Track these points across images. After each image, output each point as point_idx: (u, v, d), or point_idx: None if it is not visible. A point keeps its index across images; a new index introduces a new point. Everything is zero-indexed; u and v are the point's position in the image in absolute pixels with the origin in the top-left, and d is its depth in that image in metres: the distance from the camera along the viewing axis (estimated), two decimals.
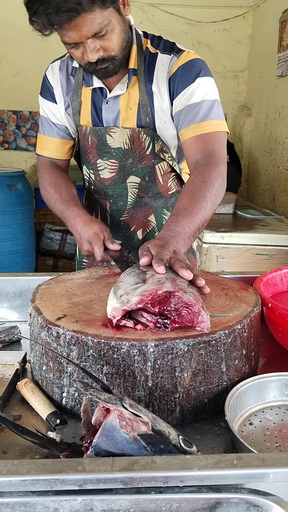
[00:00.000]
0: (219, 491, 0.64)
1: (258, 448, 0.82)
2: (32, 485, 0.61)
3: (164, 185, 1.55)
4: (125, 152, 1.47)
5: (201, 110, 1.34)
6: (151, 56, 1.41)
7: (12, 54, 4.49)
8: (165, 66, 1.39)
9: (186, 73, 1.36)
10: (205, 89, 1.35)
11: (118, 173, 1.51)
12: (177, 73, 1.37)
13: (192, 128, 1.34)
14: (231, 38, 4.51)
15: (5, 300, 1.36)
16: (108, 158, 1.49)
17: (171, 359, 0.84)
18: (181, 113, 1.37)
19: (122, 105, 1.45)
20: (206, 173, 1.26)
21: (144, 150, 1.47)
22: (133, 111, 1.44)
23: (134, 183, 1.52)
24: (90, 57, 1.26)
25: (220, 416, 0.87)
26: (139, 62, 1.40)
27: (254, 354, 1.00)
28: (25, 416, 0.90)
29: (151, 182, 1.52)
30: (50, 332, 0.90)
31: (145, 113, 1.42)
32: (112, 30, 1.25)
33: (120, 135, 1.45)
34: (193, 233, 1.16)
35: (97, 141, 1.48)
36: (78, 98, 1.48)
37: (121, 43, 1.30)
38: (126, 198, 1.54)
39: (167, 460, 0.64)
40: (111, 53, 1.29)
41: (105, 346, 0.84)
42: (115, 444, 0.70)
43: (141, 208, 1.56)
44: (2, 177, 3.70)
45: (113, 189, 1.54)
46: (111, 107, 1.45)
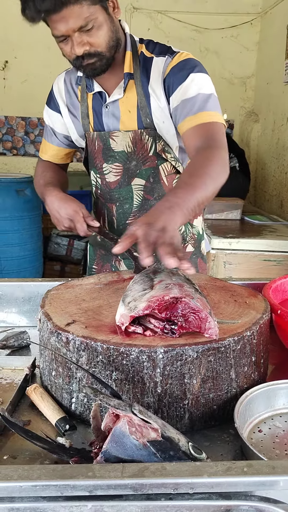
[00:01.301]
0: (229, 498, 0.64)
1: (268, 456, 0.81)
2: (43, 491, 0.62)
3: (169, 186, 1.55)
4: (128, 155, 1.50)
5: (197, 102, 1.36)
6: (146, 60, 1.45)
7: (21, 60, 4.53)
8: (160, 68, 1.43)
9: (180, 71, 1.40)
10: (199, 83, 1.38)
11: (123, 176, 1.53)
12: (171, 73, 1.41)
13: (189, 120, 1.36)
14: (238, 45, 4.52)
15: (14, 305, 1.37)
16: (113, 161, 1.52)
17: (180, 366, 0.84)
18: (178, 108, 1.40)
19: (122, 109, 1.48)
20: (208, 153, 1.27)
21: (147, 151, 1.49)
22: (133, 114, 1.47)
23: (139, 185, 1.54)
24: (76, 51, 1.31)
25: (229, 423, 0.86)
26: (135, 66, 1.45)
27: (263, 361, 0.99)
28: (35, 422, 0.90)
29: (155, 183, 1.54)
30: (59, 337, 0.91)
31: (144, 114, 1.45)
32: (99, 27, 1.30)
33: (123, 138, 1.48)
34: (193, 207, 1.11)
35: (102, 146, 1.51)
36: (84, 102, 1.52)
37: (108, 41, 1.34)
38: (132, 200, 1.55)
39: (177, 467, 0.64)
40: (97, 48, 1.33)
41: (115, 352, 0.85)
42: (124, 450, 0.70)
43: (147, 211, 1.55)
44: (11, 183, 3.73)
45: (119, 192, 1.55)
46: (110, 111, 1.49)
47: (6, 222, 3.70)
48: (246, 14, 4.43)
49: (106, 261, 1.67)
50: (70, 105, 1.56)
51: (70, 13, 1.24)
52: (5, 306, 1.37)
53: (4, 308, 1.37)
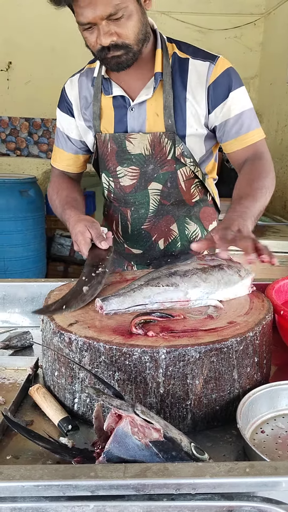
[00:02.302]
0: (231, 499, 0.64)
1: (270, 456, 0.81)
2: (45, 491, 0.62)
3: (187, 192, 1.51)
4: (146, 158, 1.44)
5: (245, 121, 1.41)
6: (181, 62, 1.39)
7: (24, 62, 4.54)
8: (201, 73, 1.38)
9: (224, 84, 1.38)
10: (243, 99, 1.41)
11: (139, 180, 1.48)
12: (216, 82, 1.38)
13: (240, 140, 1.41)
14: (242, 45, 4.52)
15: (17, 306, 1.37)
16: (129, 165, 1.46)
17: (182, 366, 0.84)
18: (225, 125, 1.41)
19: (149, 111, 1.41)
20: (260, 165, 1.36)
21: (165, 155, 1.43)
22: (160, 117, 1.41)
23: (155, 190, 1.48)
24: (103, 41, 1.23)
25: (231, 424, 0.86)
26: (165, 65, 1.38)
27: (266, 361, 0.99)
28: (37, 422, 0.90)
29: (173, 188, 1.49)
30: (62, 338, 0.91)
31: (167, 115, 1.39)
32: (129, 16, 1.22)
33: (140, 140, 1.42)
34: (256, 216, 1.21)
35: (116, 148, 1.45)
36: (97, 102, 1.45)
37: (137, 33, 1.26)
38: (148, 205, 1.51)
39: (179, 467, 0.64)
40: (125, 40, 1.25)
41: (117, 352, 0.85)
42: (127, 451, 0.70)
43: (163, 217, 1.53)
44: (14, 184, 3.74)
45: (134, 196, 1.50)
46: (136, 113, 1.42)
47: (9, 223, 3.71)
48: (249, 15, 4.43)
49: (118, 266, 1.64)
50: (85, 107, 1.48)
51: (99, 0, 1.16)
52: (8, 307, 1.37)
53: (7, 309, 1.37)
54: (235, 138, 1.41)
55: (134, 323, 0.91)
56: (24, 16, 4.36)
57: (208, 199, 1.60)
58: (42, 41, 4.39)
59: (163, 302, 1.00)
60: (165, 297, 0.99)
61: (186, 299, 1.01)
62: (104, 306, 0.96)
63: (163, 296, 0.99)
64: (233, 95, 1.39)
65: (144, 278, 1.05)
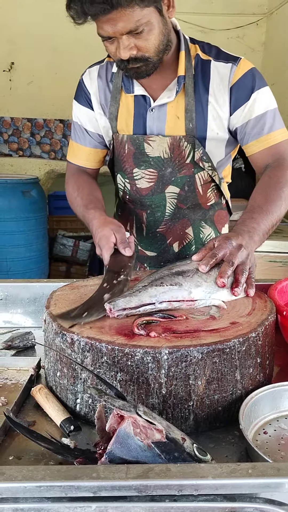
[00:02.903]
0: (233, 500, 0.64)
1: (273, 458, 0.81)
2: (47, 491, 0.62)
3: (203, 196, 1.51)
4: (164, 161, 1.43)
5: (267, 121, 1.37)
6: (203, 64, 1.38)
7: (26, 62, 4.55)
8: (223, 75, 1.36)
9: (246, 85, 1.36)
10: (266, 99, 1.38)
11: (157, 183, 1.46)
12: (238, 84, 1.36)
13: (262, 141, 1.38)
14: (244, 46, 4.52)
15: (19, 306, 1.37)
16: (146, 167, 1.45)
17: (185, 367, 0.84)
18: (246, 126, 1.38)
19: (170, 114, 1.40)
20: (280, 174, 1.31)
21: (184, 158, 1.42)
22: (181, 120, 1.39)
23: (173, 193, 1.48)
24: (122, 54, 1.22)
25: (234, 425, 0.86)
26: (188, 67, 1.36)
27: (269, 362, 0.99)
28: (39, 422, 0.90)
29: (190, 192, 1.48)
30: (64, 338, 0.91)
31: (189, 118, 1.38)
32: (150, 30, 1.20)
33: (160, 143, 1.41)
34: (268, 231, 1.21)
35: (134, 150, 1.44)
36: (116, 103, 1.43)
37: (157, 45, 1.25)
38: (164, 208, 1.49)
39: (181, 468, 0.64)
40: (145, 53, 1.24)
41: (119, 353, 0.85)
42: (129, 452, 0.70)
43: (179, 220, 1.52)
44: (17, 184, 3.74)
45: (151, 199, 1.49)
46: (156, 115, 1.40)
47: (12, 223, 3.72)
48: (252, 15, 4.43)
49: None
50: (104, 101, 1.46)
51: (120, 16, 1.14)
52: (11, 307, 1.37)
53: (9, 309, 1.37)
54: (256, 139, 1.38)
55: (136, 324, 0.91)
56: (27, 17, 4.37)
57: (223, 203, 1.60)
58: (44, 41, 4.39)
59: (170, 302, 0.99)
60: (170, 296, 0.99)
61: (191, 298, 1.01)
62: (113, 307, 0.94)
63: (169, 295, 0.99)
64: (255, 96, 1.36)
65: (147, 280, 1.05)
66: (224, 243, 1.09)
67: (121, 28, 1.17)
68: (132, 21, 1.16)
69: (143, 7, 1.15)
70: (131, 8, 1.13)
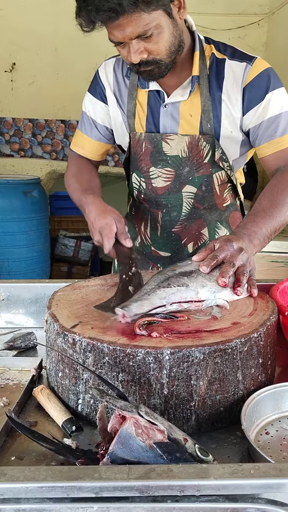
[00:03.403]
0: (235, 500, 0.64)
1: (275, 458, 0.81)
2: (49, 492, 0.62)
3: (220, 196, 1.50)
4: (182, 160, 1.42)
5: (280, 124, 1.34)
6: (218, 62, 1.37)
7: (28, 63, 4.55)
8: (237, 74, 1.35)
9: (261, 85, 1.34)
10: (280, 101, 1.35)
11: (174, 182, 1.45)
12: (252, 84, 1.34)
13: (274, 144, 1.35)
14: (245, 46, 4.51)
15: (21, 306, 1.37)
16: (163, 166, 1.44)
17: (186, 367, 0.84)
18: (259, 128, 1.36)
19: (183, 112, 1.39)
20: (287, 179, 1.30)
21: (202, 158, 1.41)
22: (194, 118, 1.39)
23: (190, 193, 1.46)
24: (132, 58, 1.22)
25: (236, 425, 0.86)
26: (202, 68, 1.36)
27: (271, 362, 0.99)
28: (41, 423, 0.90)
29: (207, 192, 1.47)
30: (66, 338, 0.91)
31: (206, 119, 1.37)
32: (160, 34, 1.20)
33: (178, 142, 1.40)
34: (269, 235, 1.20)
35: (151, 148, 1.43)
36: (133, 100, 1.42)
37: (168, 47, 1.24)
38: (181, 208, 1.48)
39: (183, 469, 0.64)
40: (156, 56, 1.24)
41: (121, 353, 0.85)
42: (131, 452, 0.70)
43: (195, 221, 1.51)
44: (18, 184, 3.74)
45: (167, 198, 1.48)
46: (169, 112, 1.40)
47: (13, 224, 3.72)
48: (253, 15, 4.42)
49: (142, 267, 1.59)
50: (119, 96, 1.45)
51: (128, 22, 1.14)
52: (12, 307, 1.37)
53: (11, 309, 1.37)
54: (268, 142, 1.35)
55: (138, 324, 0.91)
56: (28, 18, 4.37)
57: (237, 204, 1.60)
58: (45, 42, 4.40)
59: (180, 303, 0.99)
60: (179, 297, 0.99)
61: (198, 298, 1.01)
62: (126, 313, 0.93)
63: (178, 296, 0.99)
64: (269, 97, 1.33)
65: (153, 282, 1.03)
66: (225, 245, 1.08)
67: (129, 33, 1.17)
68: (140, 26, 1.16)
69: (150, 11, 1.14)
70: (137, 14, 1.13)
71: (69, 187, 1.53)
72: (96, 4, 1.11)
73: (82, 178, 1.50)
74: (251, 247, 1.13)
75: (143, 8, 1.12)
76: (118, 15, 1.12)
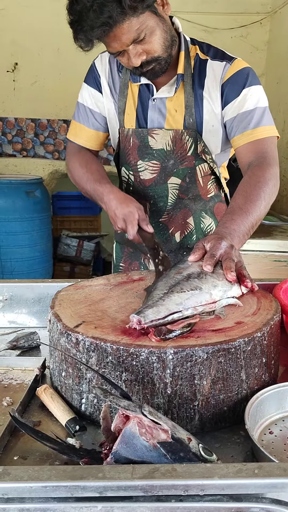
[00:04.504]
0: (240, 500, 0.64)
1: (279, 458, 0.81)
2: (53, 492, 0.62)
3: (204, 187, 1.57)
4: (167, 153, 1.50)
5: (254, 117, 1.40)
6: (201, 62, 1.45)
7: (30, 63, 4.55)
8: (217, 72, 1.43)
9: (238, 81, 1.41)
10: (257, 96, 1.42)
11: (159, 174, 1.53)
12: (230, 80, 1.42)
13: (246, 135, 1.40)
14: (248, 45, 4.50)
15: (24, 306, 1.37)
16: (150, 159, 1.52)
17: (190, 367, 0.84)
18: (234, 120, 1.42)
19: (169, 107, 1.48)
20: (260, 173, 1.33)
21: (186, 151, 1.49)
22: (179, 113, 1.47)
23: (174, 184, 1.54)
24: (134, 62, 1.31)
25: (239, 425, 0.86)
26: (187, 67, 1.44)
27: (274, 362, 0.99)
28: (45, 422, 0.90)
29: (191, 183, 1.55)
30: (69, 338, 0.91)
31: (189, 114, 1.46)
32: (151, 33, 1.29)
33: (163, 136, 1.48)
34: (247, 231, 1.22)
35: (138, 143, 1.51)
36: (124, 98, 1.51)
37: (162, 43, 1.33)
38: (167, 199, 1.56)
39: (187, 468, 0.64)
40: (154, 54, 1.33)
41: (124, 352, 0.84)
42: (134, 452, 0.70)
43: (180, 210, 1.59)
44: (21, 184, 3.75)
45: (154, 190, 1.56)
46: (157, 106, 1.48)
47: (16, 224, 3.72)
48: (255, 14, 4.41)
49: (135, 259, 1.69)
50: (113, 87, 1.52)
51: (121, 31, 1.23)
52: (15, 307, 1.37)
53: (14, 309, 1.37)
54: (241, 133, 1.41)
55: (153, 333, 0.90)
56: (30, 18, 4.37)
57: (222, 195, 1.66)
58: (47, 42, 4.39)
59: (195, 307, 0.98)
60: (194, 301, 0.98)
61: (213, 300, 1.00)
62: (142, 319, 0.92)
63: (193, 301, 0.98)
64: (246, 92, 1.41)
65: (163, 287, 1.02)
66: (217, 243, 1.09)
67: (125, 41, 1.26)
68: (133, 31, 1.25)
69: (138, 15, 1.23)
70: (127, 21, 1.22)
71: (80, 178, 1.56)
72: (90, 23, 1.21)
73: (92, 168, 1.55)
74: (234, 245, 1.15)
75: (132, 14, 1.21)
76: (111, 27, 1.22)
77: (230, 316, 0.99)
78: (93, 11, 1.19)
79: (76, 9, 1.22)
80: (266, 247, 2.57)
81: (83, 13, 1.21)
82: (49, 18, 4.21)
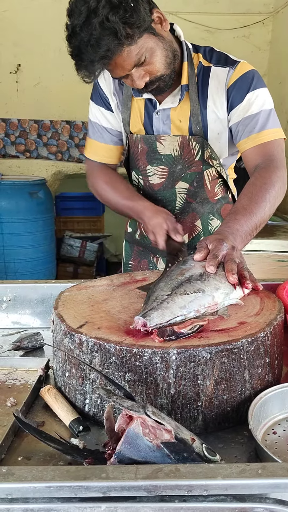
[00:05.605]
0: (243, 500, 0.64)
1: (282, 458, 0.80)
2: (57, 492, 0.62)
3: (211, 191, 1.58)
4: (175, 159, 1.51)
5: (259, 120, 1.40)
6: (204, 70, 1.44)
7: (33, 64, 4.56)
8: (221, 79, 1.43)
9: (243, 85, 1.41)
10: (261, 100, 1.41)
11: (168, 179, 1.55)
12: (234, 85, 1.41)
13: (252, 138, 1.40)
14: (250, 45, 4.50)
15: (27, 307, 1.37)
16: (158, 164, 1.54)
17: (193, 367, 0.84)
18: (240, 124, 1.42)
19: (173, 118, 1.48)
20: (267, 175, 1.32)
21: (193, 156, 1.50)
22: (183, 123, 1.48)
23: (182, 189, 1.56)
24: (138, 84, 1.32)
25: (243, 425, 0.86)
26: (191, 75, 1.44)
27: (278, 362, 0.99)
28: (48, 423, 0.91)
29: (199, 187, 1.56)
30: (72, 339, 0.91)
31: (195, 122, 1.46)
32: (152, 54, 1.29)
33: (171, 142, 1.50)
34: (251, 232, 1.22)
35: (147, 148, 1.53)
36: (127, 110, 1.53)
37: (164, 61, 1.33)
38: (175, 203, 1.58)
39: (191, 469, 0.64)
40: (157, 74, 1.33)
41: (128, 353, 0.85)
42: (138, 452, 0.70)
43: (188, 214, 1.60)
44: (24, 185, 3.75)
45: (162, 194, 1.57)
46: (161, 117, 1.49)
47: (19, 225, 3.73)
48: (257, 14, 4.41)
49: (144, 258, 1.70)
50: (118, 100, 1.54)
51: (121, 59, 1.24)
52: (19, 308, 1.38)
53: (18, 310, 1.38)
54: (247, 137, 1.41)
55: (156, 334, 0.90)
56: (32, 19, 4.38)
57: (229, 197, 1.67)
58: (50, 43, 4.40)
59: (198, 310, 0.98)
60: (198, 304, 0.98)
61: (215, 302, 1.00)
62: (148, 322, 0.92)
63: (196, 304, 0.98)
64: (250, 96, 1.40)
65: (165, 288, 1.02)
66: (219, 244, 1.09)
67: (127, 66, 1.27)
68: (133, 57, 1.25)
69: (137, 39, 1.23)
70: (126, 49, 1.22)
71: (109, 199, 1.61)
72: (89, 58, 1.22)
73: (119, 187, 1.59)
74: (236, 245, 1.15)
75: (130, 42, 1.22)
76: (110, 59, 1.23)
77: (233, 316, 0.98)
78: (91, 46, 1.19)
79: (75, 44, 1.23)
80: (270, 247, 2.56)
81: (81, 47, 1.22)
82: (51, 19, 4.21)
